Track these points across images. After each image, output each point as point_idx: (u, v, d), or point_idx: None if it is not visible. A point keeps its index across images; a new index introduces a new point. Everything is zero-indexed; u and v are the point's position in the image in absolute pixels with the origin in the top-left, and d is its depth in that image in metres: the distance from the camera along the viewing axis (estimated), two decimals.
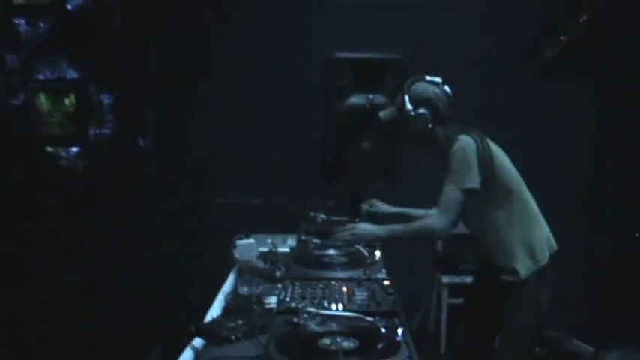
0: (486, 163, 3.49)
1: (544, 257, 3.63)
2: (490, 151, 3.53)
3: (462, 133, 3.55)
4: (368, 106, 4.60)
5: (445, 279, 5.63)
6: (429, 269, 5.89)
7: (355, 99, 4.63)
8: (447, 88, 3.63)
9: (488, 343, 3.71)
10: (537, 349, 5.37)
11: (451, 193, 3.43)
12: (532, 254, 3.59)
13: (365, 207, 4.18)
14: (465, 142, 3.49)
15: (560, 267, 5.56)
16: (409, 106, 3.53)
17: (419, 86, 3.60)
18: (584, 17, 5.61)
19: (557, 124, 5.74)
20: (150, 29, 5.43)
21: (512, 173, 3.65)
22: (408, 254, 5.07)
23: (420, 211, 3.97)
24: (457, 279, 5.53)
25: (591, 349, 5.43)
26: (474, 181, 3.43)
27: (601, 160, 5.80)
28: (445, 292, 5.66)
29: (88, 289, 5.06)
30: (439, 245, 6.00)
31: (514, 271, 3.54)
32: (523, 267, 3.55)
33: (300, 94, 5.32)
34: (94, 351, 4.92)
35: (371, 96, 4.62)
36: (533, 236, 3.63)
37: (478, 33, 5.65)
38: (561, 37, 5.66)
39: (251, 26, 5.64)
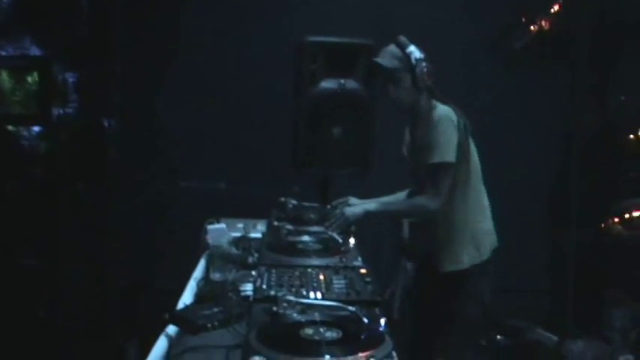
0: (463, 142, 3.50)
1: (487, 251, 3.64)
2: (467, 131, 3.54)
3: (440, 102, 3.57)
4: (339, 91, 4.53)
5: (410, 266, 5.59)
6: (394, 256, 5.86)
7: (326, 84, 4.55)
8: None
9: (434, 336, 3.70)
10: (499, 337, 5.41)
11: (438, 168, 3.43)
12: (477, 246, 3.61)
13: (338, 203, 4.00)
14: (448, 112, 3.49)
15: (527, 257, 5.66)
16: (419, 55, 3.50)
17: (411, 45, 3.57)
18: (555, 8, 5.62)
19: (526, 115, 5.73)
20: (117, 8, 5.29)
21: (476, 161, 3.65)
22: (376, 241, 5.05)
23: (399, 196, 3.95)
24: None
25: (556, 338, 5.44)
26: (452, 154, 3.42)
27: (568, 153, 5.82)
28: (411, 280, 5.63)
29: (48, 274, 4.94)
30: (405, 232, 5.96)
31: (458, 261, 3.58)
32: (468, 257, 3.58)
33: (270, 78, 5.24)
34: (54, 338, 4.81)
35: (342, 81, 4.55)
36: (481, 228, 3.66)
37: (449, 21, 5.61)
38: (531, 28, 5.66)
39: (222, 8, 5.54)
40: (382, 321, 2.40)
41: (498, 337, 5.44)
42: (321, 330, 2.27)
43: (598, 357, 4.95)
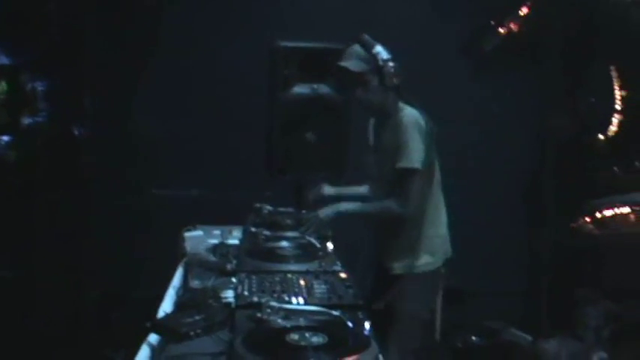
0: (429, 148, 3.51)
1: (440, 259, 3.70)
2: (433, 136, 3.54)
3: (407, 104, 3.59)
4: (312, 95, 4.53)
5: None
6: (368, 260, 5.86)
7: (300, 88, 4.55)
8: None
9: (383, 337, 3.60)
10: (474, 338, 5.43)
11: (407, 173, 3.46)
12: (432, 252, 3.65)
13: (314, 193, 4.18)
14: (415, 115, 3.51)
15: (501, 259, 5.70)
16: (387, 55, 3.49)
17: (378, 43, 3.56)
18: (524, 11, 5.66)
19: (498, 117, 5.77)
20: (87, 14, 5.25)
21: (437, 167, 3.68)
22: (352, 242, 5.07)
23: (362, 189, 4.07)
24: None
25: (530, 338, 5.48)
26: (420, 160, 3.45)
27: (540, 154, 5.87)
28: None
29: (22, 284, 4.88)
30: None
31: (411, 265, 3.61)
32: (421, 262, 3.62)
33: (243, 83, 5.23)
34: (29, 348, 4.75)
35: (315, 86, 4.55)
36: (437, 235, 3.70)
37: (421, 24, 5.65)
38: (500, 30, 5.70)
39: (195, 14, 5.53)
40: (367, 325, 2.40)
41: (473, 338, 5.47)
42: (307, 335, 2.26)
43: (572, 355, 4.99)
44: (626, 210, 5.26)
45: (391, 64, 3.49)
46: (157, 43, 5.50)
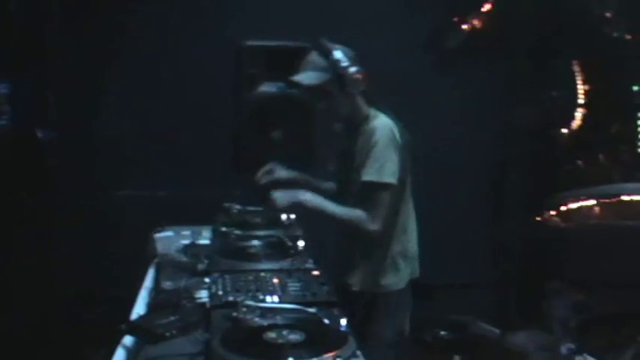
0: (405, 159, 3.30)
1: (406, 278, 3.46)
2: (408, 148, 3.34)
3: (379, 110, 3.38)
4: (279, 94, 4.54)
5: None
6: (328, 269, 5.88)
7: (266, 87, 4.56)
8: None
9: None
10: (442, 332, 5.48)
11: (378, 188, 3.23)
12: (397, 272, 3.42)
13: (262, 173, 3.88)
14: (389, 125, 3.29)
15: (468, 253, 5.75)
16: (346, 62, 3.23)
17: (337, 47, 3.31)
18: (486, 7, 5.72)
19: (463, 113, 5.83)
20: (50, 14, 5.19)
21: (409, 180, 3.42)
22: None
23: (327, 185, 3.84)
24: None
25: (498, 331, 5.53)
26: (393, 175, 3.24)
27: (505, 148, 5.93)
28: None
29: None
30: None
31: (375, 283, 3.37)
32: (385, 281, 3.39)
33: (210, 82, 5.21)
34: (14, 350, 4.70)
35: (282, 84, 4.55)
36: (405, 254, 3.44)
37: (383, 21, 5.67)
38: (464, 27, 5.75)
39: (159, 14, 5.49)
40: (343, 321, 2.41)
41: (442, 332, 5.51)
42: (284, 333, 2.28)
43: (541, 347, 5.04)
44: (591, 202, 5.32)
45: (353, 69, 3.25)
46: (121, 43, 5.46)
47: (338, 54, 3.25)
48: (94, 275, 5.32)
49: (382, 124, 3.29)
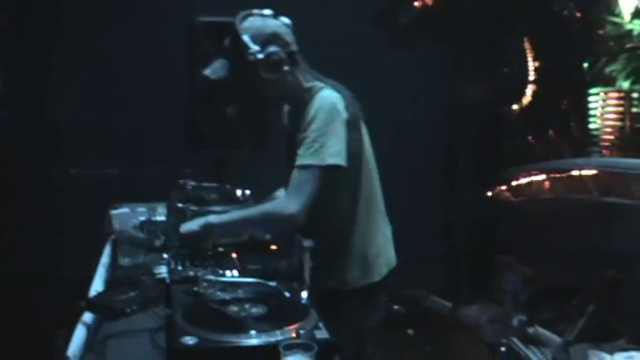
0: (357, 135, 2.93)
1: (379, 272, 3.08)
2: (358, 123, 2.97)
3: (322, 82, 2.97)
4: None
5: (307, 243, 5.61)
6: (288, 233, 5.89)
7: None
8: (285, 19, 2.97)
9: None
10: (396, 307, 5.54)
11: (306, 168, 2.79)
12: (365, 266, 3.04)
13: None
14: (331, 98, 2.85)
15: (419, 227, 5.80)
16: (254, 47, 2.80)
17: (254, 21, 2.88)
18: None
19: (413, 89, 5.86)
20: None
21: (371, 159, 3.09)
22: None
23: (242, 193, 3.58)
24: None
25: (450, 304, 5.62)
26: (339, 155, 2.80)
27: (455, 124, 5.99)
28: (307, 256, 5.66)
29: None
30: None
31: (341, 279, 3.01)
32: (351, 276, 3.01)
33: (162, 59, 5.17)
34: None
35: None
36: (372, 245, 3.06)
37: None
38: (415, 4, 5.78)
39: None
40: (303, 294, 2.43)
41: (395, 306, 5.57)
42: (247, 307, 2.30)
43: (492, 320, 5.13)
44: (541, 177, 5.42)
45: (267, 52, 2.82)
46: (70, 21, 5.40)
47: (245, 37, 2.82)
48: (47, 254, 5.27)
49: (323, 97, 2.85)
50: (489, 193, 5.94)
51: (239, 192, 3.75)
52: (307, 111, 2.86)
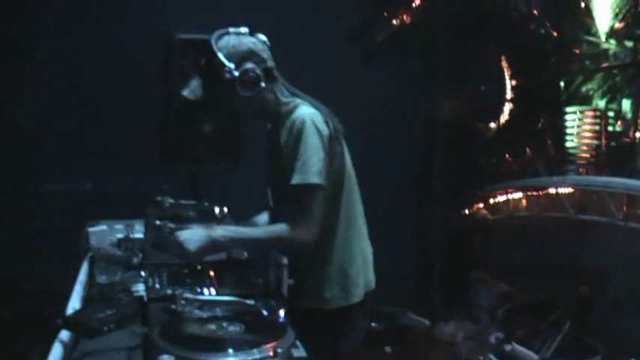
0: (339, 149, 2.94)
1: (358, 293, 3.02)
2: (338, 140, 2.96)
3: (299, 98, 2.98)
4: None
5: (285, 260, 5.59)
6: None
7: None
8: (262, 36, 2.98)
9: None
10: (373, 323, 5.53)
11: (303, 191, 2.78)
12: (344, 285, 2.99)
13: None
14: (310, 115, 2.84)
15: (394, 244, 5.79)
16: (230, 65, 2.79)
17: (229, 40, 2.87)
18: (416, 2, 5.79)
19: (390, 106, 5.88)
20: None
21: (351, 177, 3.06)
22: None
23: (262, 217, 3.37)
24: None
25: (427, 322, 5.62)
26: (319, 173, 2.79)
27: (431, 141, 6.02)
28: (285, 273, 5.66)
29: None
30: None
31: (319, 298, 2.97)
32: (331, 296, 2.97)
33: (138, 74, 5.13)
34: None
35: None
36: (352, 264, 3.01)
37: (312, 13, 5.68)
38: (393, 21, 5.81)
39: (88, 4, 5.43)
40: (281, 312, 2.43)
41: (372, 323, 5.56)
42: (224, 325, 2.29)
43: (469, 337, 5.15)
44: (518, 195, 5.46)
45: (249, 65, 2.82)
46: (43, 35, 5.37)
47: (221, 55, 2.81)
48: (20, 270, 5.23)
49: (302, 115, 2.84)
50: (465, 210, 5.97)
51: (217, 209, 3.74)
52: (286, 128, 2.87)
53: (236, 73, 2.80)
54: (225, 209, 3.77)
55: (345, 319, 3.03)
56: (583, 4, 5.17)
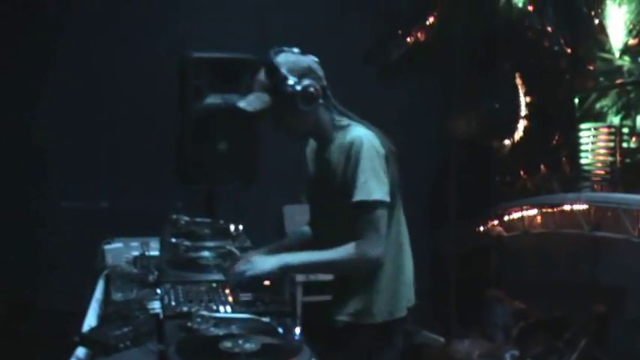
0: (392, 172, 2.94)
1: (402, 308, 2.99)
2: (394, 159, 2.98)
3: (349, 119, 3.01)
4: (224, 105, 4.56)
5: (300, 277, 5.62)
6: None
7: (212, 99, 4.58)
8: (312, 56, 3.00)
9: None
10: None
11: (369, 207, 2.79)
12: (391, 300, 2.94)
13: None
14: (368, 136, 2.88)
15: None
16: (292, 80, 2.81)
17: (288, 56, 2.89)
18: (430, 20, 5.80)
19: (403, 123, 5.86)
20: None
21: (398, 196, 3.03)
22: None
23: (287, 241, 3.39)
24: (312, 277, 5.52)
25: (442, 339, 5.59)
26: (383, 190, 2.83)
27: (446, 158, 6.01)
28: (299, 291, 5.68)
29: None
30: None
31: (367, 312, 2.91)
32: (380, 309, 2.91)
33: (154, 93, 5.19)
34: None
35: (227, 96, 4.57)
36: (399, 279, 2.97)
37: (326, 32, 5.70)
38: (407, 40, 5.83)
39: (104, 21, 5.47)
40: (297, 330, 2.42)
41: None
42: (240, 342, 2.28)
43: (484, 355, 5.12)
44: (533, 212, 5.45)
45: (303, 84, 2.83)
46: (63, 51, 5.43)
47: (283, 70, 2.81)
48: (36, 288, 5.26)
49: (360, 135, 2.88)
50: (480, 228, 5.96)
51: (232, 227, 3.75)
52: (342, 147, 2.91)
53: (298, 87, 2.81)
54: (241, 227, 3.77)
55: (387, 335, 2.97)
56: (597, 21, 5.18)
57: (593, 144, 5.09)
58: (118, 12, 5.53)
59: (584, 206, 4.95)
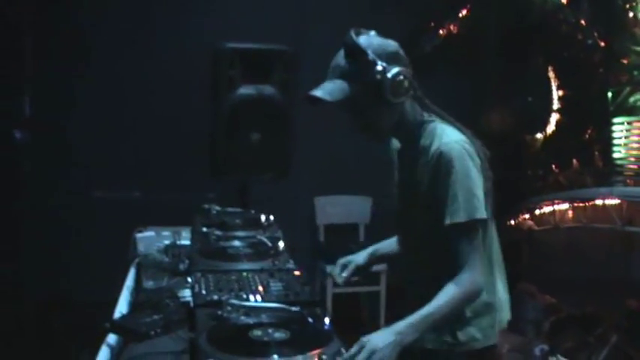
0: (488, 179, 2.56)
1: (493, 334, 2.64)
2: (487, 167, 2.60)
3: (435, 115, 2.64)
4: (257, 96, 4.57)
5: (330, 269, 5.61)
6: (310, 259, 5.91)
7: (244, 90, 4.59)
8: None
9: None
10: None
11: (465, 228, 2.40)
12: (482, 326, 2.59)
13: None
14: (461, 142, 2.50)
15: None
16: (380, 66, 2.39)
17: (371, 38, 2.47)
18: (463, 13, 5.78)
19: None
20: (27, 18, 5.20)
21: (488, 205, 2.56)
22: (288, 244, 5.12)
23: (388, 243, 3.02)
24: None
25: None
26: (481, 206, 2.43)
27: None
28: (330, 283, 5.70)
29: None
30: (320, 235, 6.04)
31: (452, 340, 2.56)
32: (465, 338, 2.56)
33: (187, 84, 5.24)
34: None
35: (260, 87, 4.59)
36: (492, 303, 2.62)
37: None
38: (440, 32, 5.81)
39: (137, 14, 5.53)
40: (327, 320, 2.43)
41: None
42: (270, 331, 2.30)
43: (514, 349, 5.10)
44: (564, 206, 5.41)
45: (396, 69, 2.41)
46: (96, 45, 5.48)
47: (371, 55, 2.39)
48: (69, 279, 5.32)
49: (449, 142, 2.48)
50: (512, 222, 5.93)
51: (263, 217, 3.77)
52: (431, 155, 2.48)
53: (388, 75, 2.38)
54: (272, 217, 3.79)
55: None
56: (631, 14, 5.14)
57: (626, 138, 5.06)
58: (152, 4, 5.57)
59: (617, 201, 4.91)
